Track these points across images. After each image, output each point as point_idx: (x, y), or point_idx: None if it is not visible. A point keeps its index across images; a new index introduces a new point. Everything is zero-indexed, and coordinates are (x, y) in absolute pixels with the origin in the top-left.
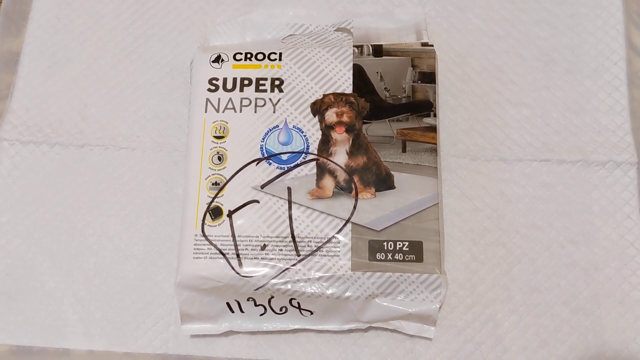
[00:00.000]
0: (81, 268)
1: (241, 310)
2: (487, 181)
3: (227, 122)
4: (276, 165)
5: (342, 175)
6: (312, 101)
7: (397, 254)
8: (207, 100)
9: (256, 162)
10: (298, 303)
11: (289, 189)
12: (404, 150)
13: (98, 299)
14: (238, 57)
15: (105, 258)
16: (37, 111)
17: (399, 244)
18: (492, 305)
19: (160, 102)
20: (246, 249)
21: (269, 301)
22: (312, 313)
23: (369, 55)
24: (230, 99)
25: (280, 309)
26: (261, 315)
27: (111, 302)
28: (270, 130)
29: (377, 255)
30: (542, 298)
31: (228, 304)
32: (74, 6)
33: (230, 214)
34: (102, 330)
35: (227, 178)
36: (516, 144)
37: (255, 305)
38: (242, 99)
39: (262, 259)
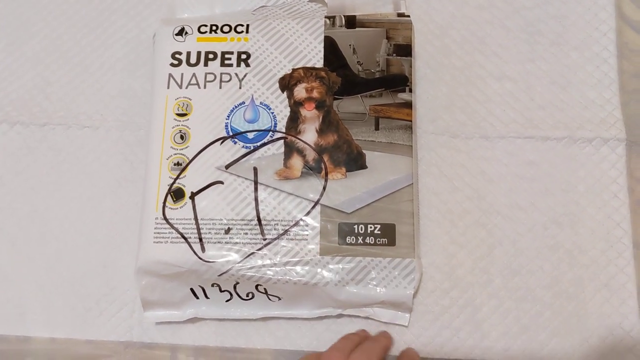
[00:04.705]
0: (42, 253)
1: (206, 297)
2: (468, 159)
3: (190, 99)
4: (242, 144)
5: (311, 155)
6: (281, 76)
7: (368, 238)
8: (170, 75)
9: (220, 141)
10: (265, 289)
11: (255, 169)
12: (377, 128)
13: (60, 285)
14: (203, 29)
15: (67, 242)
16: None
17: (371, 227)
18: (470, 290)
19: (125, 78)
20: (209, 232)
21: (235, 287)
22: (280, 299)
23: (341, 26)
24: (194, 74)
25: (247, 295)
26: (227, 301)
27: (73, 288)
28: (236, 107)
29: (347, 239)
30: (523, 282)
31: (192, 289)
32: None
33: (192, 196)
34: (64, 317)
35: (190, 158)
36: (499, 120)
37: (221, 291)
38: (206, 74)
39: (226, 243)
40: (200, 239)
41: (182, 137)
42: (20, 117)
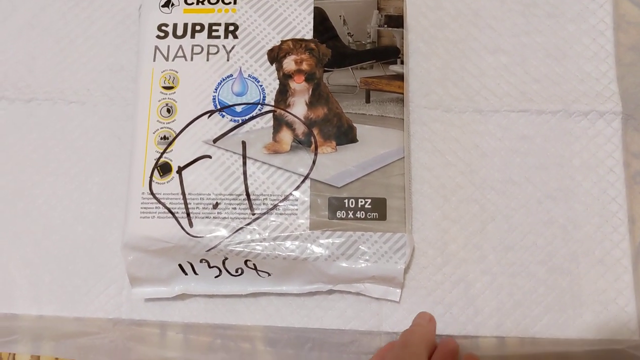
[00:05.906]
0: (29, 230)
1: (195, 273)
2: (461, 134)
3: (177, 72)
4: (230, 117)
5: (300, 128)
6: (269, 48)
7: (358, 212)
8: (156, 47)
9: (208, 115)
10: (254, 264)
11: (243, 143)
12: (367, 101)
13: (47, 262)
14: (190, 0)
15: (55, 219)
16: None
17: (361, 201)
18: (463, 265)
19: (112, 52)
20: (197, 207)
21: (224, 262)
22: (269, 274)
23: None
24: (180, 47)
25: (236, 271)
26: (216, 277)
27: (61, 265)
28: (224, 79)
29: (337, 214)
30: (517, 257)
31: (180, 265)
32: None
33: (179, 170)
34: (52, 295)
35: (177, 132)
36: (493, 94)
37: (209, 267)
38: (193, 46)
39: (214, 218)
40: (188, 214)
41: (168, 111)
42: (5, 93)
